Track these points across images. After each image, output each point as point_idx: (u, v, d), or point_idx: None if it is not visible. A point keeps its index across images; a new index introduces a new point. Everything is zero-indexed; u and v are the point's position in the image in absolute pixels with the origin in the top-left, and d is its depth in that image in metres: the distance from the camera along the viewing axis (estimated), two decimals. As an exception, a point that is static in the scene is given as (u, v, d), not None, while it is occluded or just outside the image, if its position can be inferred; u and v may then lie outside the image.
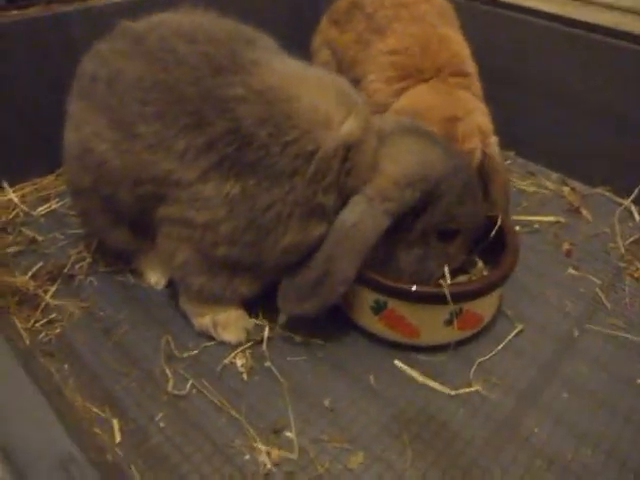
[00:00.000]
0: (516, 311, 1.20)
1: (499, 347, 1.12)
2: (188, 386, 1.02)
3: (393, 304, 1.03)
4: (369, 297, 1.04)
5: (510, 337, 1.14)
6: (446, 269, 1.09)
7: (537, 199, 1.58)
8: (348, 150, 0.98)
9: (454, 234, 1.09)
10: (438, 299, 1.01)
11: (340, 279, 0.99)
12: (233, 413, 0.97)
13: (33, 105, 1.49)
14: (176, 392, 1.01)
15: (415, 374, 1.06)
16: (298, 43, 1.33)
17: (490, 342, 1.13)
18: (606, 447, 0.97)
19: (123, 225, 1.14)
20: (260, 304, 1.15)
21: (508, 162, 1.73)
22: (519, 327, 1.16)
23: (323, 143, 0.96)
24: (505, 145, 1.75)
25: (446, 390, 1.03)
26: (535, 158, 1.74)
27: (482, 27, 1.72)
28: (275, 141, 0.95)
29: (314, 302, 1.01)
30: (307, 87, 1.00)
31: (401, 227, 1.03)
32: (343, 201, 1.00)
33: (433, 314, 1.04)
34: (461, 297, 1.02)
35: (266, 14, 1.84)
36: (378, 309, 1.04)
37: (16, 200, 1.45)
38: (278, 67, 1.01)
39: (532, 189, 1.62)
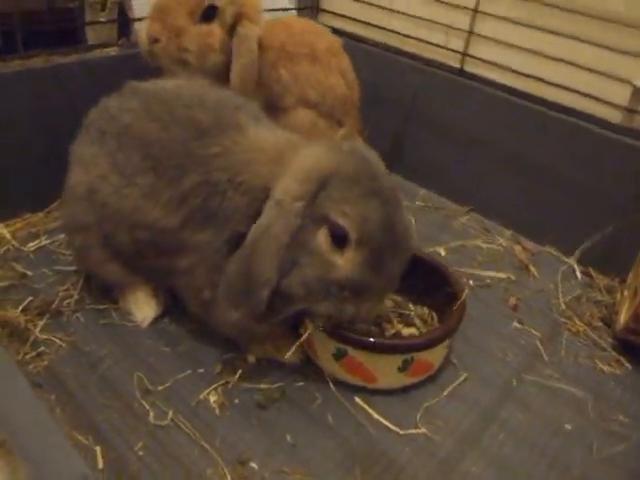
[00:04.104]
0: (462, 360, 1.33)
1: (444, 393, 1.24)
2: (169, 418, 1.12)
3: (352, 352, 1.15)
4: (332, 345, 1.17)
5: (455, 384, 1.27)
6: (395, 321, 1.24)
7: (490, 255, 1.73)
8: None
9: (344, 239, 1.03)
10: (388, 349, 1.15)
11: (261, 281, 1.02)
12: (205, 445, 1.08)
13: (28, 148, 1.60)
14: (157, 423, 1.11)
15: (370, 414, 1.18)
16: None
17: (437, 388, 1.26)
18: (532, 485, 1.10)
19: (118, 261, 1.27)
20: (233, 348, 1.27)
21: (466, 218, 1.89)
22: (464, 375, 1.29)
23: (272, 183, 1.06)
24: (464, 202, 1.93)
25: (396, 430, 1.15)
26: (490, 215, 1.89)
27: (451, 96, 1.90)
28: (231, 185, 1.09)
29: (245, 309, 1.05)
30: (266, 142, 1.13)
31: None
32: None
33: (388, 362, 1.17)
34: (412, 348, 1.15)
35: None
36: (339, 356, 1.17)
37: (8, 236, 1.55)
38: (252, 129, 1.16)
39: (486, 246, 1.77)
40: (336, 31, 2.03)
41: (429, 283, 1.33)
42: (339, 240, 1.03)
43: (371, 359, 1.16)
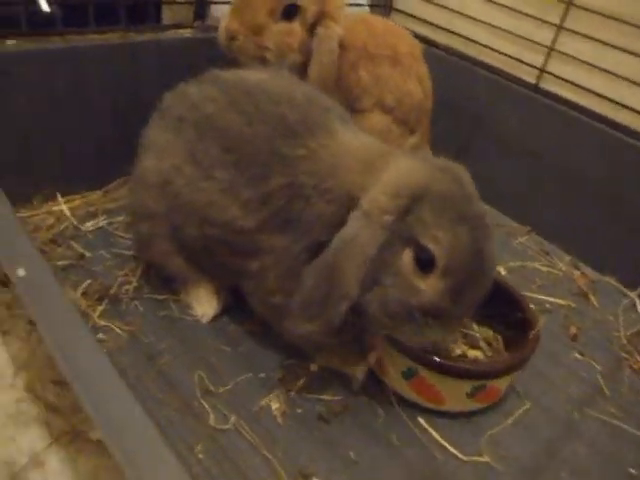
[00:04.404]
0: (525, 388, 1.29)
1: (508, 421, 1.21)
2: (230, 422, 1.09)
3: (423, 372, 1.12)
4: (402, 363, 1.13)
5: (519, 413, 1.23)
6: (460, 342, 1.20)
7: (550, 279, 1.69)
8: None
9: (431, 264, 0.99)
10: (463, 373, 1.12)
11: (341, 294, 0.98)
12: (267, 454, 1.05)
13: (93, 123, 1.57)
14: (218, 426, 1.08)
15: (433, 436, 1.15)
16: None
17: (499, 416, 1.22)
18: (595, 528, 1.06)
19: (183, 255, 1.24)
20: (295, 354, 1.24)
21: (525, 238, 1.85)
22: (527, 405, 1.25)
23: (360, 193, 1.01)
24: (524, 221, 1.88)
25: (459, 455, 1.12)
26: (550, 237, 1.84)
27: (523, 112, 1.85)
28: (316, 192, 1.04)
29: (320, 321, 1.01)
30: (354, 148, 1.09)
31: None
32: None
33: (459, 386, 1.13)
34: (487, 375, 1.12)
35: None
36: (409, 375, 1.14)
37: (68, 213, 1.52)
38: (340, 132, 1.12)
39: (546, 269, 1.72)
40: (408, 33, 1.99)
41: (499, 306, 1.28)
42: (424, 264, 0.99)
43: (442, 381, 1.12)
